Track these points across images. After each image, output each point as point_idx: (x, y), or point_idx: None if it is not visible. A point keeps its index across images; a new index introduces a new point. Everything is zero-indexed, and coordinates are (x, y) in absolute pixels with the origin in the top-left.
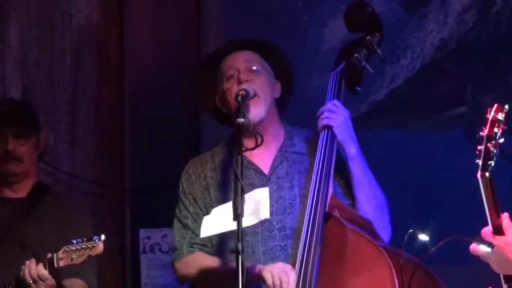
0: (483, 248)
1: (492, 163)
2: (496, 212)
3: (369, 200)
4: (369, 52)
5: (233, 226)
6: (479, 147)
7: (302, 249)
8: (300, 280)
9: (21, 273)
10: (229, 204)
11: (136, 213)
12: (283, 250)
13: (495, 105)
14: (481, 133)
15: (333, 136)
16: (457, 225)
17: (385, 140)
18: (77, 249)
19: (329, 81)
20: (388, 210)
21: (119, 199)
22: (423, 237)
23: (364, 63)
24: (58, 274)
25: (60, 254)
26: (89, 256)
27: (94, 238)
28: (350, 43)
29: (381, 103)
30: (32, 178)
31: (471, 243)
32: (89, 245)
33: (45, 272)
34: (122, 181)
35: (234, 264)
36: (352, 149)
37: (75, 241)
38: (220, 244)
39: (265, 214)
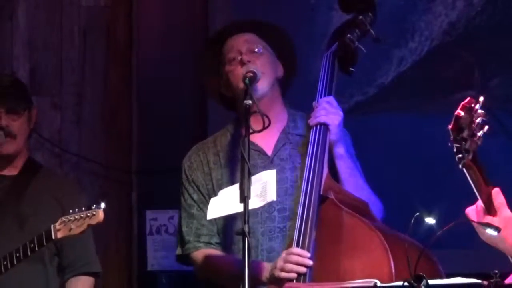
0: (489, 232)
1: (464, 155)
2: (488, 187)
3: None
4: (362, 32)
5: (239, 208)
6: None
7: (297, 232)
8: None
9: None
10: (236, 186)
11: (142, 195)
12: (282, 231)
13: (467, 99)
14: (449, 126)
15: (326, 132)
16: (464, 209)
17: (392, 124)
18: (75, 219)
19: (322, 62)
20: (380, 210)
21: (126, 180)
22: (430, 220)
23: (357, 43)
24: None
25: (57, 225)
26: (89, 225)
27: (93, 207)
28: (343, 23)
29: (389, 87)
30: (23, 154)
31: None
32: (88, 214)
33: None
34: (129, 162)
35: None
36: (340, 149)
37: (71, 211)
38: (226, 226)
39: (272, 196)
